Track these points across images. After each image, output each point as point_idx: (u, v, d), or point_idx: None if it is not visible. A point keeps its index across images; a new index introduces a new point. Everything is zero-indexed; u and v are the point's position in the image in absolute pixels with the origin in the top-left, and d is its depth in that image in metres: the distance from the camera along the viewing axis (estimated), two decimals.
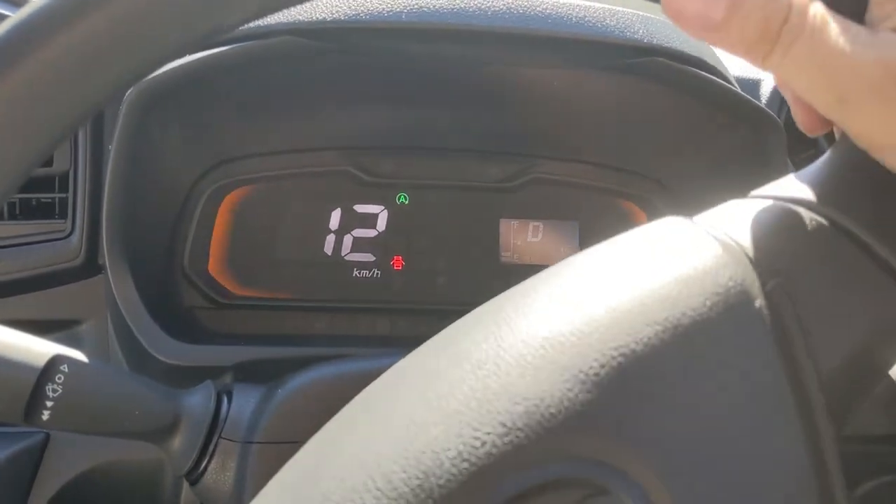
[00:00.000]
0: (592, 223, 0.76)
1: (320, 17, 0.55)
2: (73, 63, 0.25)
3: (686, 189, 0.74)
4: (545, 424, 0.24)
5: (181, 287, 0.71)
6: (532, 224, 0.76)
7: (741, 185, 0.70)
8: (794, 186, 0.29)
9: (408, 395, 0.26)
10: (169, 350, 0.60)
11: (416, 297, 0.74)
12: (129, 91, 0.59)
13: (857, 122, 0.26)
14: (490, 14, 0.55)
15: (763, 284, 0.26)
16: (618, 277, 0.27)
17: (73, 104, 0.26)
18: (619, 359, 0.25)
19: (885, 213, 0.28)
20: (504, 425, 0.24)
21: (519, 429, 0.24)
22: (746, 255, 0.27)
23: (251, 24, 0.58)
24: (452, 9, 0.56)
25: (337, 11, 0.55)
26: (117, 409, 0.46)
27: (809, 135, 0.31)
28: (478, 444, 0.24)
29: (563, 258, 0.30)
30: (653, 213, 0.76)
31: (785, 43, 0.25)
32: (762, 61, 0.26)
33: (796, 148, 0.76)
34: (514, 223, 0.76)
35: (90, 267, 0.67)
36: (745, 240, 0.27)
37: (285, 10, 0.57)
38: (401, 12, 0.55)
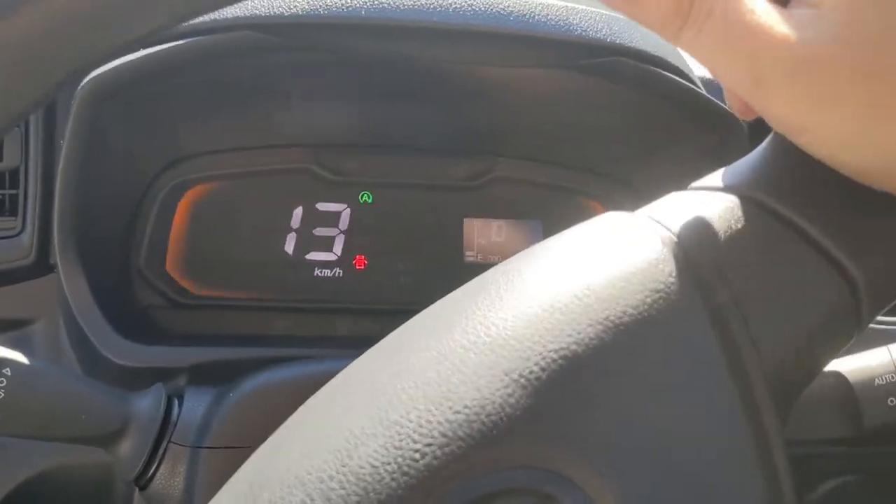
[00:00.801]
0: (557, 222, 0.75)
1: (279, 12, 0.54)
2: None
3: (652, 188, 0.74)
4: (486, 433, 0.23)
5: (137, 286, 0.69)
6: (496, 223, 0.76)
7: None
8: (731, 176, 0.29)
9: (347, 406, 0.25)
10: (122, 351, 0.59)
11: (378, 297, 0.73)
12: (81, 85, 0.57)
13: (772, 105, 0.25)
14: (450, 11, 0.55)
15: (702, 277, 0.26)
16: (558, 275, 0.27)
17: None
18: (560, 361, 0.24)
19: (818, 196, 0.27)
20: (444, 436, 0.23)
21: (460, 438, 0.23)
22: (685, 247, 0.27)
23: (208, 18, 0.56)
24: (413, 5, 0.55)
25: (296, 6, 0.54)
26: (62, 413, 0.44)
27: (743, 118, 0.31)
28: (417, 456, 0.23)
29: None
30: None
31: (698, 18, 0.25)
32: (675, 37, 0.25)
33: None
34: (478, 222, 0.75)
35: (42, 265, 0.65)
36: (684, 232, 0.27)
37: (243, 5, 0.56)
38: (360, 8, 0.54)
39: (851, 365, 0.50)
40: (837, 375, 0.50)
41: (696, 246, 0.27)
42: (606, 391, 0.24)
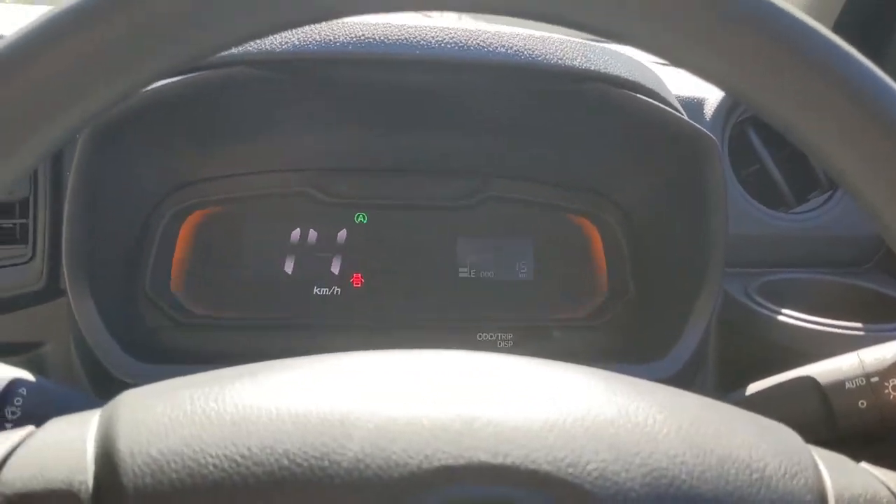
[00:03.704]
0: (546, 239, 0.78)
1: (271, 49, 0.57)
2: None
3: (637, 205, 0.77)
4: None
5: (144, 308, 0.72)
6: (488, 241, 0.78)
7: (688, 201, 0.72)
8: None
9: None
10: (132, 371, 0.61)
11: (376, 314, 0.76)
12: None
13: None
14: (433, 44, 0.58)
15: None
16: (722, 431, 0.30)
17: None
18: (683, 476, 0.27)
19: None
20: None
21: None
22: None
23: None
24: (402, 40, 0.58)
25: (287, 42, 0.57)
26: None
27: None
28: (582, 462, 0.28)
29: (518, 273, 0.32)
30: (605, 230, 0.78)
31: None
32: None
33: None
34: (472, 240, 0.78)
35: (52, 290, 0.68)
36: (836, 483, 0.30)
37: None
38: (347, 43, 0.57)
39: (823, 369, 0.52)
40: (811, 380, 0.52)
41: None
42: None
